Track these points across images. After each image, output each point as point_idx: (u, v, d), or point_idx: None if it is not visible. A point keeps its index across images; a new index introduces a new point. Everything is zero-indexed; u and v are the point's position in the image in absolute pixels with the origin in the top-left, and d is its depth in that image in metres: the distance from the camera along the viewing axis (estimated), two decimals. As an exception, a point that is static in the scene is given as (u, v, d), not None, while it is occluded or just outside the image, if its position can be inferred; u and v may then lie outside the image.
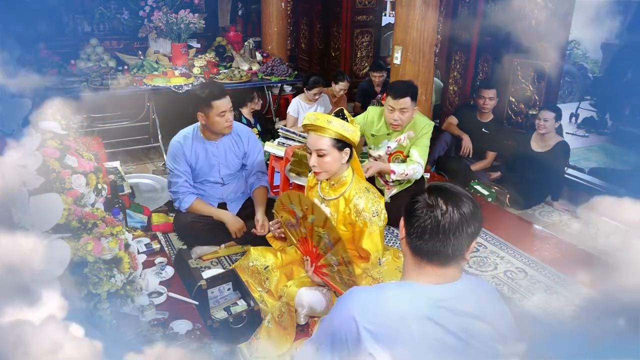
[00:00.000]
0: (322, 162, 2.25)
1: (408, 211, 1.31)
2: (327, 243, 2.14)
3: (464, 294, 1.30)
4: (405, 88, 3.20)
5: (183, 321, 1.92)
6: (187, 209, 3.03)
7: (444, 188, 1.31)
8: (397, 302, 1.28)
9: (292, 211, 2.27)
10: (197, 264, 3.04)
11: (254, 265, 2.54)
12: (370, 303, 1.28)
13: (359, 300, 1.30)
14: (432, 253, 1.27)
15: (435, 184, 1.34)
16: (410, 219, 1.30)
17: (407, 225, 1.31)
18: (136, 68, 4.81)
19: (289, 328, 2.22)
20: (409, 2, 3.87)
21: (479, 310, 1.29)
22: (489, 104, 4.33)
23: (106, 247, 1.72)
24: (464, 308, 1.28)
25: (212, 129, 2.96)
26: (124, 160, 4.59)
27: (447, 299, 1.27)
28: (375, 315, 1.25)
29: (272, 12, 5.70)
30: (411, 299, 1.28)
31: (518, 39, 4.35)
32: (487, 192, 4.07)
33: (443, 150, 4.57)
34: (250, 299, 2.38)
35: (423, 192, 1.31)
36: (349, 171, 2.33)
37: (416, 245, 1.29)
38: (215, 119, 2.90)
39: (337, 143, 2.23)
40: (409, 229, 1.30)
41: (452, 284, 1.29)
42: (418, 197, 1.31)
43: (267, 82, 5.19)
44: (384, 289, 1.36)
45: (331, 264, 2.17)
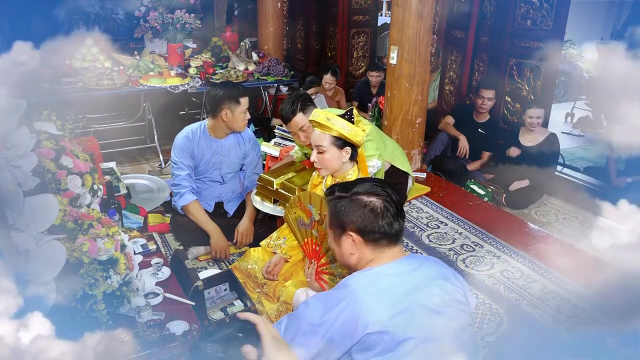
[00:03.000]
0: (322, 158, 2.28)
1: (351, 219, 1.46)
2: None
3: (417, 263, 1.49)
4: (289, 107, 2.78)
5: (179, 322, 1.91)
6: (183, 206, 3.03)
7: (342, 186, 1.54)
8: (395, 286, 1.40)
9: (308, 211, 2.26)
10: (194, 264, 3.05)
11: (252, 268, 2.54)
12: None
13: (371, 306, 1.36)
14: (392, 234, 1.46)
15: (332, 189, 1.56)
16: (358, 222, 1.45)
17: (359, 231, 1.46)
18: (132, 68, 4.80)
19: None
20: (405, 2, 3.87)
21: (436, 272, 1.48)
22: (487, 104, 4.35)
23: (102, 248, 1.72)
24: (422, 273, 1.45)
25: (231, 125, 3.00)
26: (120, 160, 4.58)
27: (404, 271, 1.43)
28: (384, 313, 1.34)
29: (268, 12, 5.70)
30: (402, 277, 1.42)
31: (514, 38, 4.37)
32: (483, 191, 4.09)
33: (439, 150, 4.58)
34: (247, 299, 2.38)
35: (357, 195, 1.48)
36: (354, 169, 2.33)
37: (373, 233, 1.45)
38: (239, 116, 2.96)
39: (336, 141, 2.24)
40: (362, 229, 1.45)
41: (404, 257, 1.49)
42: (353, 199, 1.48)
43: (263, 82, 5.19)
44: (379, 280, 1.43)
45: (334, 274, 2.18)
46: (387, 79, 4.28)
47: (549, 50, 4.15)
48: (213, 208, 3.20)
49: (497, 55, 4.57)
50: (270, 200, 2.96)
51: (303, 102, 2.80)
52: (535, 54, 4.24)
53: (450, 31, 5.13)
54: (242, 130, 3.09)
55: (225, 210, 3.23)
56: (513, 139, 4.16)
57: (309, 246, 2.30)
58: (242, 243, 3.07)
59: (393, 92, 4.17)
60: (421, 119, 4.30)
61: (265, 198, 2.98)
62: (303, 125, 2.78)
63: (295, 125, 2.80)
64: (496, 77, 4.56)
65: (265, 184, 2.94)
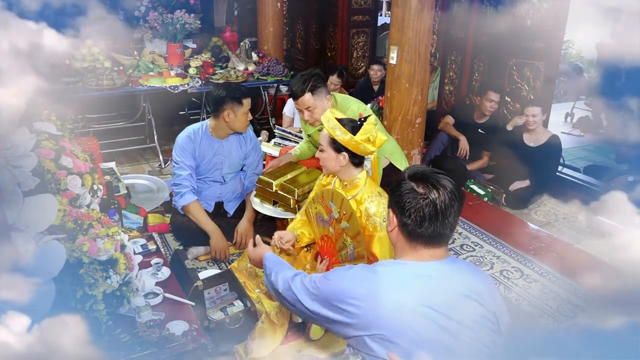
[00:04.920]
0: (321, 156, 2.31)
1: (398, 203, 1.33)
2: (349, 254, 2.13)
3: (453, 272, 1.36)
4: (300, 84, 2.82)
5: (179, 322, 1.91)
6: (184, 206, 3.03)
7: (424, 173, 1.35)
8: (396, 288, 1.31)
9: (329, 208, 2.25)
10: (194, 264, 3.05)
11: (252, 267, 2.54)
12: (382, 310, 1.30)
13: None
14: (432, 237, 1.32)
15: (412, 170, 1.37)
16: (403, 210, 1.32)
17: (401, 216, 1.33)
18: (132, 68, 4.80)
19: (284, 324, 2.24)
20: (405, 2, 3.87)
21: (467, 288, 1.34)
22: (493, 107, 4.35)
23: (102, 248, 1.72)
24: (453, 286, 1.33)
25: (233, 126, 3.01)
26: (120, 161, 4.58)
27: (438, 276, 1.32)
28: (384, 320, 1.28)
29: (268, 12, 5.69)
30: (408, 280, 1.32)
31: (514, 38, 4.37)
32: (483, 191, 4.09)
33: (439, 150, 4.58)
34: (247, 299, 2.38)
35: (405, 181, 1.33)
36: (363, 174, 2.32)
37: (415, 233, 1.32)
38: (241, 117, 2.98)
39: (333, 143, 2.24)
40: (405, 219, 1.32)
41: (443, 261, 1.36)
42: (404, 187, 1.33)
43: (263, 82, 5.19)
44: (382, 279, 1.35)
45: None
46: (387, 79, 4.28)
47: (548, 50, 4.15)
48: (213, 208, 3.20)
49: (497, 55, 4.57)
50: (269, 202, 2.96)
51: (314, 82, 2.81)
52: (535, 54, 4.24)
53: (450, 31, 5.13)
54: (243, 131, 3.10)
55: (225, 210, 3.24)
56: (517, 139, 4.14)
57: (325, 242, 2.31)
58: (242, 244, 3.07)
59: (393, 92, 4.17)
60: (421, 119, 4.30)
61: (265, 200, 2.98)
62: (309, 105, 2.81)
63: (302, 104, 2.83)
64: (496, 77, 4.56)
65: (264, 185, 2.94)
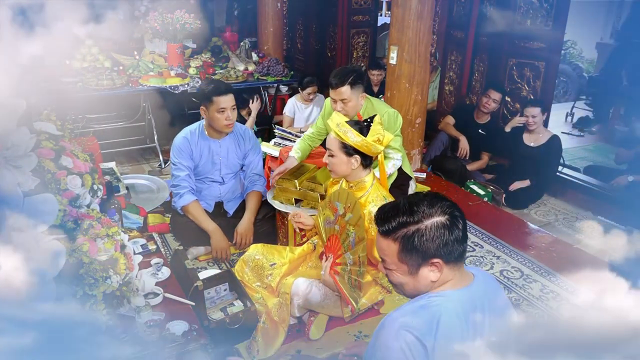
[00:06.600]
0: (331, 161, 2.30)
1: (437, 243, 1.28)
2: (351, 241, 2.14)
3: (485, 292, 1.35)
4: (341, 76, 2.87)
5: (179, 322, 1.91)
6: (183, 207, 3.03)
7: (430, 199, 1.32)
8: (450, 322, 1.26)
9: (334, 208, 2.25)
10: (194, 264, 3.05)
11: (260, 259, 2.53)
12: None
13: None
14: (461, 256, 1.32)
15: (414, 198, 1.33)
16: (439, 247, 1.28)
17: (441, 253, 1.29)
18: (132, 68, 4.80)
19: (284, 321, 2.25)
20: (405, 2, 3.87)
21: (491, 305, 1.34)
22: (492, 105, 4.35)
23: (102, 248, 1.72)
24: (486, 306, 1.32)
25: (212, 125, 3.00)
26: (120, 161, 4.58)
27: (477, 299, 1.31)
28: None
29: (268, 12, 5.69)
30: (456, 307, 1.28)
31: (514, 38, 4.37)
32: (483, 191, 4.09)
33: (439, 150, 4.58)
34: (247, 299, 2.37)
35: (425, 218, 1.28)
36: (370, 177, 2.32)
37: (453, 259, 1.31)
38: (214, 115, 2.93)
39: (344, 148, 2.24)
40: (445, 252, 1.29)
41: (475, 283, 1.35)
42: (426, 226, 1.28)
43: (263, 82, 5.18)
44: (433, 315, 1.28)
45: (346, 263, 2.17)
46: (387, 79, 4.29)
47: (549, 50, 4.15)
48: (213, 208, 3.20)
49: (497, 55, 4.57)
50: (291, 202, 2.99)
51: (356, 77, 2.85)
52: (535, 54, 4.24)
53: (450, 31, 5.13)
54: (227, 130, 3.03)
55: (225, 210, 3.23)
56: (517, 139, 4.14)
57: (331, 242, 2.31)
58: (242, 244, 3.06)
59: (393, 92, 4.17)
60: (421, 119, 4.31)
61: (286, 200, 3.00)
62: (345, 97, 2.85)
63: (339, 94, 2.86)
64: (496, 77, 4.56)
65: (286, 187, 2.96)
